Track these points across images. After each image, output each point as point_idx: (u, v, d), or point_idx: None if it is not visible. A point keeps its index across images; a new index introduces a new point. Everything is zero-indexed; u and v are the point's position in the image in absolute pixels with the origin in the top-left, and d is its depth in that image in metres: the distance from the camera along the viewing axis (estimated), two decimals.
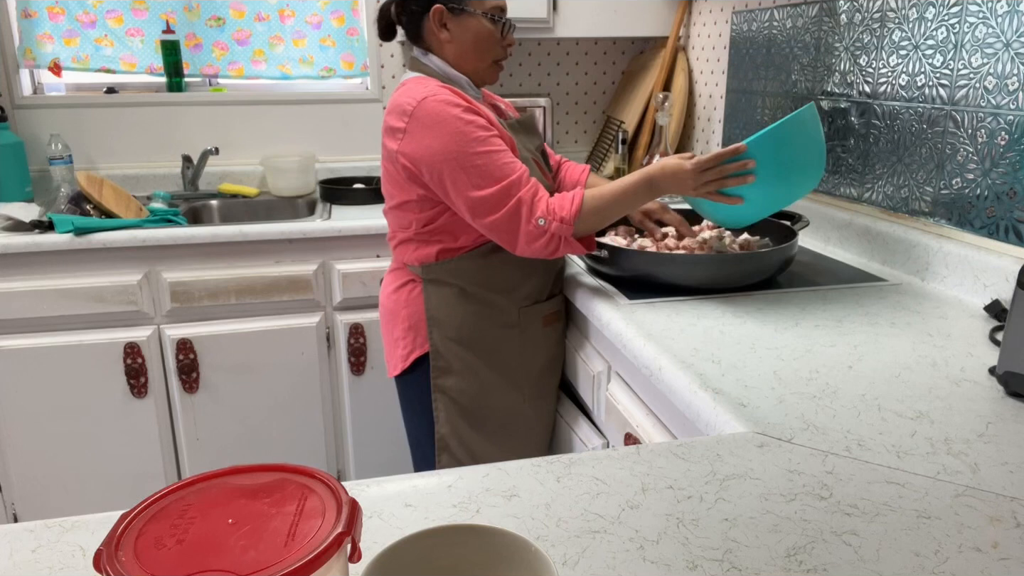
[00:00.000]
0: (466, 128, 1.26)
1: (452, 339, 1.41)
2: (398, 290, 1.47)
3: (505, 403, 1.45)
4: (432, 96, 1.27)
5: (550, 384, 1.52)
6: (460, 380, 1.42)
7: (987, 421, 0.87)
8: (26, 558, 0.64)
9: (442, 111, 1.26)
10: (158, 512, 0.48)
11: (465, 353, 1.41)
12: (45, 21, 2.29)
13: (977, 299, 1.28)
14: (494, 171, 1.26)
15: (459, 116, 1.26)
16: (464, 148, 1.25)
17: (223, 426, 2.05)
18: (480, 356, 1.42)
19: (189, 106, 2.43)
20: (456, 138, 1.25)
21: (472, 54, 1.39)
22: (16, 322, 1.87)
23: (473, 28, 1.37)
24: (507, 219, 1.26)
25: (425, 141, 1.27)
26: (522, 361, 1.45)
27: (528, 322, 1.44)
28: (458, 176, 1.26)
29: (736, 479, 0.76)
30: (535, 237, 1.26)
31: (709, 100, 2.24)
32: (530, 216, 1.26)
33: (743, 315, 1.22)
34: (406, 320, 1.45)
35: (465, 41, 1.38)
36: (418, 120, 1.27)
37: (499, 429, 1.46)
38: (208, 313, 1.97)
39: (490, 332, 1.42)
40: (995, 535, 0.67)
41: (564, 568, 0.62)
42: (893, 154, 1.50)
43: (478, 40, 1.38)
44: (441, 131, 1.26)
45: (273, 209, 2.37)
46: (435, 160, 1.27)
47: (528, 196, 1.26)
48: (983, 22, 1.27)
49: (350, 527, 0.46)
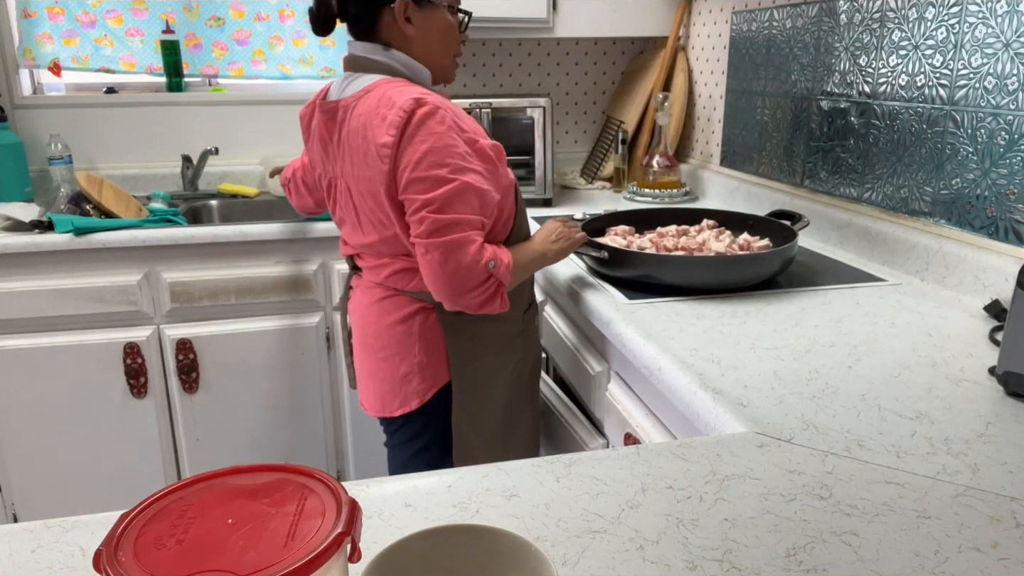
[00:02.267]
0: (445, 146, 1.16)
1: (474, 365, 1.33)
2: (405, 322, 1.32)
3: (514, 413, 1.40)
4: (421, 107, 1.15)
5: (536, 382, 1.48)
6: (484, 406, 1.35)
7: (987, 421, 0.87)
8: (26, 558, 0.64)
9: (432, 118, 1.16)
10: (158, 512, 0.48)
11: (486, 375, 1.35)
12: (45, 21, 2.29)
13: (977, 299, 1.28)
14: (453, 201, 1.16)
15: (443, 133, 1.16)
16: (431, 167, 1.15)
17: (223, 426, 2.05)
18: (497, 374, 1.35)
19: (189, 106, 2.43)
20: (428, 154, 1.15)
21: (438, 49, 1.31)
22: (16, 322, 1.87)
23: (439, 21, 1.29)
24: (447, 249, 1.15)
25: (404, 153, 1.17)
26: (524, 367, 1.40)
27: (529, 325, 1.41)
28: (409, 189, 1.16)
29: (736, 479, 0.76)
30: (478, 281, 1.17)
31: (709, 100, 2.24)
32: (478, 256, 1.16)
33: (743, 315, 1.22)
34: (421, 354, 1.32)
35: (431, 36, 1.29)
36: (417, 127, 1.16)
37: (506, 440, 1.41)
38: (208, 313, 1.97)
39: (504, 346, 1.36)
40: (995, 535, 0.67)
41: (564, 568, 0.62)
42: (893, 154, 1.50)
43: (444, 35, 1.30)
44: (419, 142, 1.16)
45: (273, 209, 2.37)
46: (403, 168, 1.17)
47: (477, 239, 1.18)
48: (983, 22, 1.27)
49: (350, 527, 0.46)
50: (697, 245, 1.46)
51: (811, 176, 1.75)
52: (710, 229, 1.56)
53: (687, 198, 2.21)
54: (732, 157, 2.11)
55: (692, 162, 2.35)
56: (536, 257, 1.32)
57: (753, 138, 1.99)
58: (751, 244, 1.46)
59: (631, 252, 1.38)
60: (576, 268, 1.52)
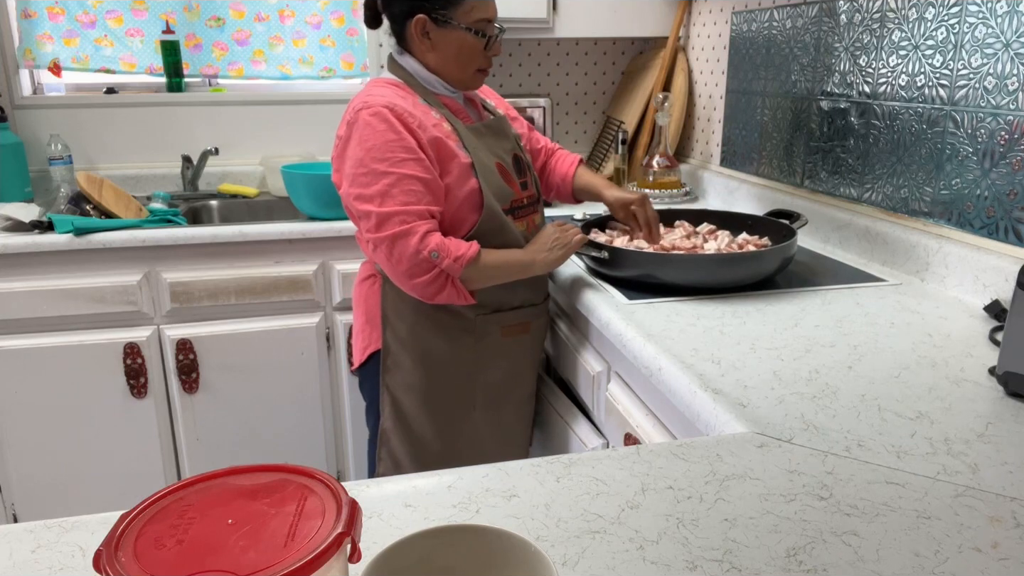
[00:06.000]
0: (385, 143, 1.25)
1: (403, 339, 1.40)
2: (362, 283, 1.48)
3: (452, 409, 1.44)
4: (366, 108, 1.26)
5: (511, 396, 1.50)
6: (407, 380, 1.41)
7: (987, 421, 0.87)
8: (26, 558, 0.64)
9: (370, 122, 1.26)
10: (158, 512, 0.48)
11: (415, 355, 1.40)
12: (45, 21, 2.29)
13: (977, 299, 1.28)
14: (393, 193, 1.24)
15: (384, 131, 1.25)
16: (372, 161, 1.25)
17: (223, 426, 2.05)
18: (429, 360, 1.40)
19: (189, 106, 2.42)
20: (370, 151, 1.25)
21: (454, 65, 1.36)
22: (16, 322, 1.87)
23: (456, 41, 1.34)
24: (391, 241, 1.24)
25: (348, 151, 1.28)
26: (475, 369, 1.43)
27: (485, 330, 1.42)
28: (354, 185, 1.26)
29: (736, 479, 0.76)
30: (423, 270, 1.25)
31: (709, 100, 2.24)
32: (420, 246, 1.23)
33: (743, 315, 1.22)
34: (364, 315, 1.46)
35: (447, 53, 1.35)
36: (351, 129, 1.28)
37: (443, 433, 1.45)
38: (208, 313, 1.97)
39: (442, 337, 1.40)
40: (995, 535, 0.67)
41: (564, 568, 0.62)
42: (893, 154, 1.50)
43: (460, 52, 1.35)
44: (360, 140, 1.26)
45: (273, 209, 2.37)
46: (348, 166, 1.27)
47: (420, 229, 1.24)
48: (983, 22, 1.27)
49: (350, 527, 0.46)
50: (694, 245, 1.46)
51: (811, 176, 1.75)
52: (709, 235, 1.56)
53: (687, 198, 2.21)
54: (732, 157, 2.11)
55: (692, 162, 2.35)
56: (517, 263, 1.35)
57: (753, 138, 1.99)
58: (749, 244, 1.46)
59: (631, 252, 1.38)
60: (576, 268, 1.52)
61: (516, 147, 1.47)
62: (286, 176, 2.03)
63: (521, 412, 1.54)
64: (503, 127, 1.46)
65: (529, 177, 1.47)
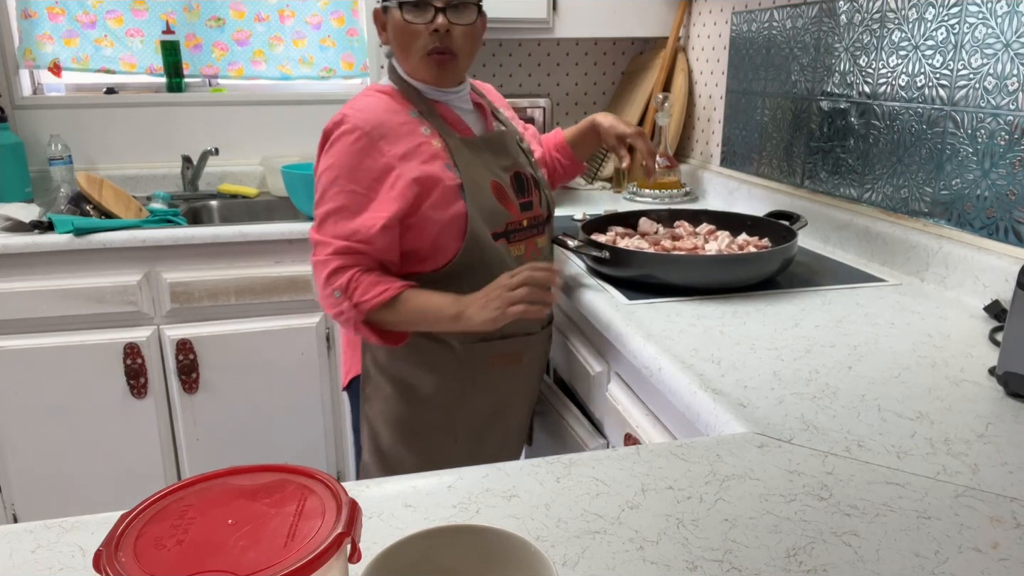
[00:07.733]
0: (341, 166, 1.18)
1: (382, 365, 1.31)
2: None
3: (431, 440, 1.34)
4: (343, 124, 1.19)
5: (496, 429, 1.39)
6: (385, 411, 1.33)
7: (987, 421, 0.87)
8: (26, 559, 0.64)
9: (339, 140, 1.19)
10: (158, 512, 0.48)
11: (393, 382, 1.31)
12: (45, 21, 2.29)
13: (977, 299, 1.28)
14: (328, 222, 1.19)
15: (345, 154, 1.18)
16: (327, 181, 1.19)
17: (223, 426, 2.05)
18: (407, 389, 1.31)
19: (189, 106, 2.43)
20: (327, 170, 1.19)
21: (401, 55, 1.24)
22: (16, 322, 1.87)
23: (393, 24, 1.22)
24: (314, 267, 1.21)
25: (320, 157, 1.23)
26: (460, 401, 1.32)
27: (470, 360, 1.29)
28: (316, 192, 1.22)
29: (736, 479, 0.76)
30: (330, 305, 1.19)
31: (709, 101, 2.24)
32: (328, 281, 1.17)
33: (743, 315, 1.22)
34: (346, 336, 1.40)
35: (395, 42, 1.23)
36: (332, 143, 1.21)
37: (423, 468, 1.28)
38: (208, 313, 1.97)
39: (423, 365, 1.29)
40: (995, 535, 0.67)
41: (564, 568, 0.62)
42: (893, 154, 1.50)
43: (397, 35, 1.22)
44: (327, 154, 1.21)
45: (273, 209, 2.37)
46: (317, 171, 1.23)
47: (332, 264, 1.17)
48: (983, 23, 1.27)
49: (350, 527, 0.46)
50: (694, 246, 1.46)
51: (811, 176, 1.75)
52: (709, 235, 1.56)
53: (687, 198, 2.21)
54: (732, 157, 2.11)
55: (692, 162, 2.35)
56: (442, 315, 1.18)
57: (753, 138, 1.99)
58: (749, 245, 1.46)
59: (631, 252, 1.38)
60: (576, 268, 1.52)
61: (520, 163, 1.33)
62: (286, 176, 2.04)
63: (509, 443, 1.45)
64: (504, 141, 1.33)
65: (536, 196, 1.34)
